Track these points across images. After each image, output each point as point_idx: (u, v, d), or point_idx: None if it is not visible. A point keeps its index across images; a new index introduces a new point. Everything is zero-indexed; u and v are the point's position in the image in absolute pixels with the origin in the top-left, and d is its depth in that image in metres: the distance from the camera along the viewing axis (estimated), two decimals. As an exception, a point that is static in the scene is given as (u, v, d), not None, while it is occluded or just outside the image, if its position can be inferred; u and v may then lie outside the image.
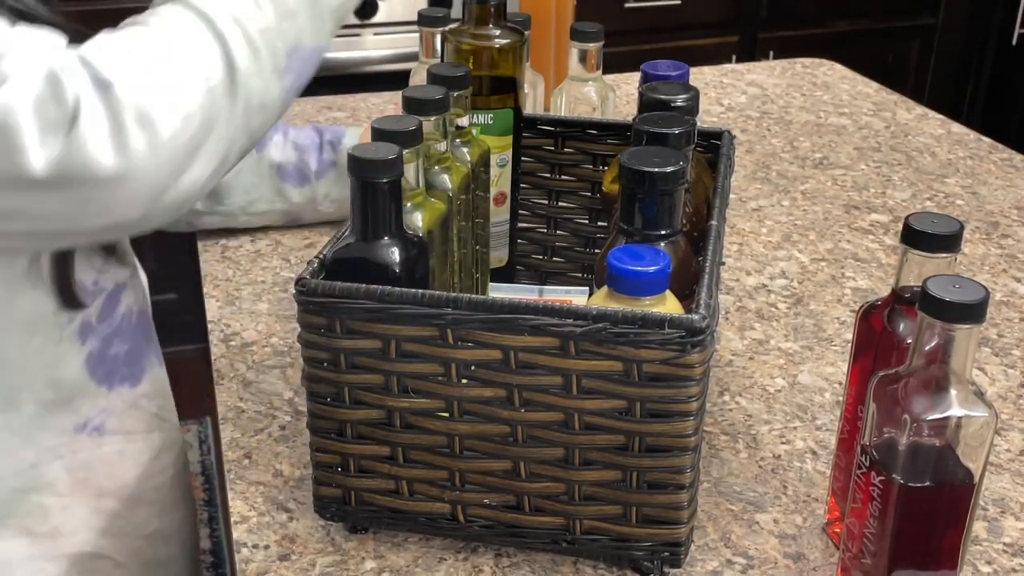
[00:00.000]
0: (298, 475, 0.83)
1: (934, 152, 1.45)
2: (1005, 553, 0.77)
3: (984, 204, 1.30)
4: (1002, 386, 0.96)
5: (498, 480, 0.73)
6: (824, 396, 0.94)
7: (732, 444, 0.88)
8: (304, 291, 0.70)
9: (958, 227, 0.66)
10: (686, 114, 0.84)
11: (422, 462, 0.74)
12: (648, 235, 0.73)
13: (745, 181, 1.35)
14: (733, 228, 1.23)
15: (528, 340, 0.67)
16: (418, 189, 0.77)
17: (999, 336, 1.03)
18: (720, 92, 1.66)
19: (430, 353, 0.70)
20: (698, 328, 0.65)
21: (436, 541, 0.77)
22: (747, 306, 1.07)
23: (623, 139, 0.95)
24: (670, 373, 0.67)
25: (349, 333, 0.70)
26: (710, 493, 0.82)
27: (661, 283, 0.69)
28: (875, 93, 1.67)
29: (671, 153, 0.74)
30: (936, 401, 0.62)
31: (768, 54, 2.67)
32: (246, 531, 0.78)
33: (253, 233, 1.18)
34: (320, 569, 0.75)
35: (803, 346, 1.01)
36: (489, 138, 0.90)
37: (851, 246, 1.19)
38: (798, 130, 1.52)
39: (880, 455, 0.65)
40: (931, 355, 0.62)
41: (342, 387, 0.72)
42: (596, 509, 0.73)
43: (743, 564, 0.76)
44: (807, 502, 0.81)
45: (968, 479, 0.64)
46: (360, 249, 0.72)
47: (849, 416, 0.75)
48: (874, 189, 1.34)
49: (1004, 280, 1.13)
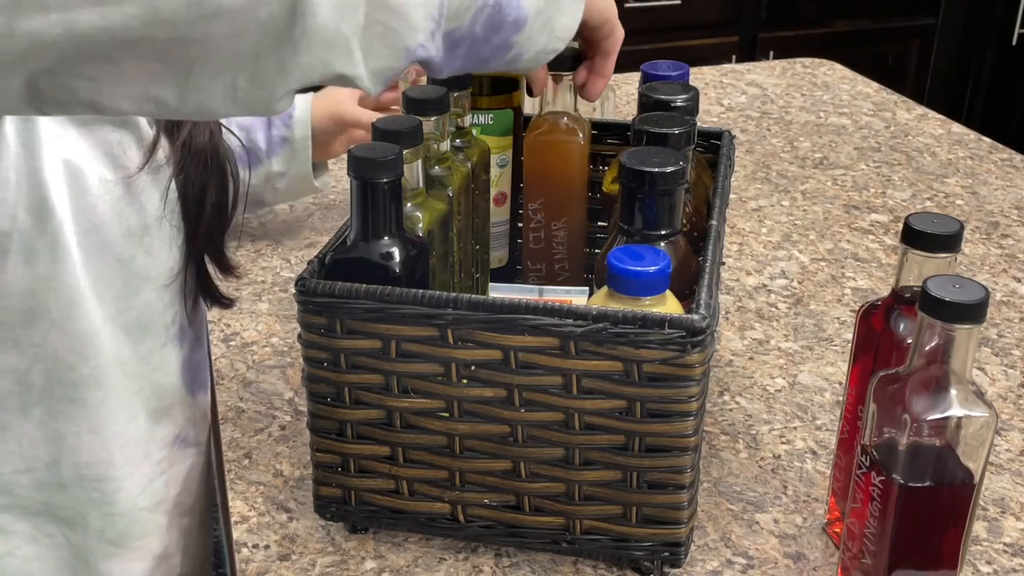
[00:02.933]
0: (298, 475, 0.83)
1: (934, 152, 1.45)
2: (1005, 553, 0.77)
3: (984, 204, 1.30)
4: (1002, 386, 0.96)
5: (498, 480, 0.73)
6: (824, 396, 0.94)
7: (732, 444, 0.88)
8: (304, 291, 0.70)
9: (958, 227, 0.66)
10: (686, 114, 0.84)
11: (422, 462, 0.74)
12: (648, 235, 0.73)
13: (745, 181, 1.35)
14: (733, 228, 1.23)
15: (528, 340, 0.67)
16: (418, 189, 0.77)
17: (999, 336, 1.03)
18: (720, 92, 1.66)
19: (430, 353, 0.70)
20: (698, 328, 0.65)
21: (436, 541, 0.77)
22: (747, 306, 1.07)
23: (623, 139, 0.95)
24: (670, 373, 0.67)
25: (349, 333, 0.70)
26: (710, 493, 0.82)
27: (661, 283, 0.69)
28: (875, 93, 1.67)
29: (671, 153, 0.74)
30: (936, 401, 0.62)
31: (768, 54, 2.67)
32: (246, 531, 0.78)
33: (253, 233, 1.18)
34: (320, 569, 0.75)
35: (803, 346, 1.01)
36: (489, 138, 0.90)
37: (851, 246, 1.19)
38: (798, 130, 1.52)
39: (880, 455, 0.65)
40: (931, 355, 0.62)
41: (342, 387, 0.72)
42: (596, 509, 0.73)
43: (743, 564, 0.76)
44: (807, 502, 0.81)
45: (968, 479, 0.64)
46: (360, 249, 0.72)
47: (849, 416, 0.75)
48: (874, 189, 1.34)
49: (1004, 280, 1.13)
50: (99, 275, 0.70)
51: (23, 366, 0.68)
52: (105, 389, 0.72)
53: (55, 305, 0.67)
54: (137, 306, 0.73)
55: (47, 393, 0.70)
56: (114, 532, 0.76)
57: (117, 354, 0.72)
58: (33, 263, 0.66)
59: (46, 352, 0.68)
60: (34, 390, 0.69)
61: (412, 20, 0.56)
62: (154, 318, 0.75)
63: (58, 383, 0.70)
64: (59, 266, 0.67)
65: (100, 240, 0.69)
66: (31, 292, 0.66)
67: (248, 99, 0.52)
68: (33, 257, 0.66)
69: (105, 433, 0.73)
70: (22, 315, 0.67)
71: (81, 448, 0.72)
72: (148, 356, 0.75)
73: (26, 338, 0.67)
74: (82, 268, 0.68)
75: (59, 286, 0.67)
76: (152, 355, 0.75)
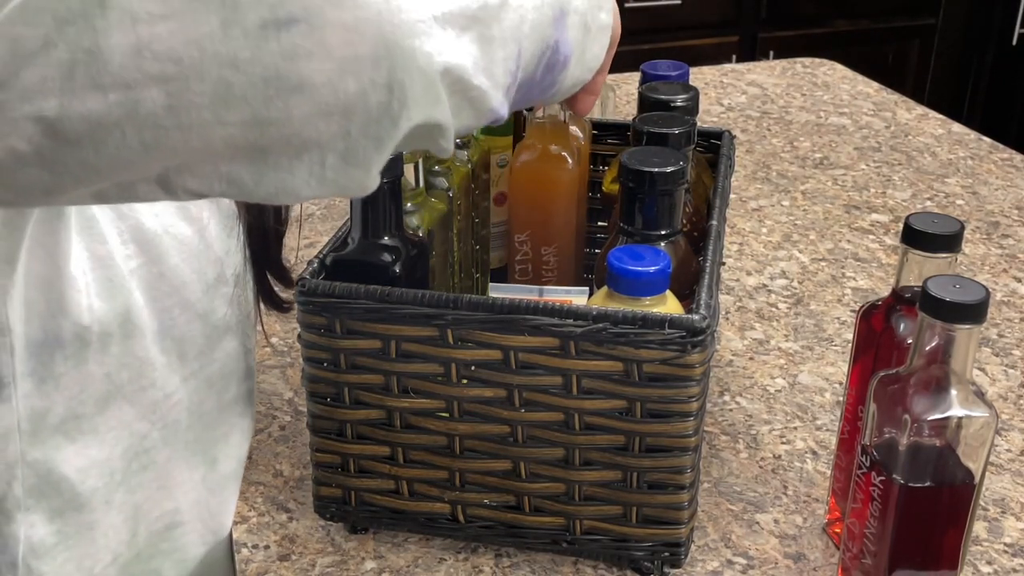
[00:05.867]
0: (298, 475, 0.83)
1: (934, 152, 1.45)
2: (1005, 553, 0.77)
3: (984, 204, 1.30)
4: (1002, 386, 0.96)
5: (498, 480, 0.73)
6: (824, 396, 0.94)
7: (732, 444, 0.87)
8: (304, 291, 0.70)
9: (958, 227, 0.66)
10: (686, 114, 0.83)
11: (422, 462, 0.74)
12: (648, 235, 0.73)
13: (745, 181, 1.35)
14: (733, 228, 1.22)
15: (528, 340, 0.67)
16: (418, 189, 0.77)
17: (999, 336, 1.03)
18: (720, 92, 1.66)
19: (430, 353, 0.69)
20: (698, 328, 0.65)
21: (436, 541, 0.77)
22: (747, 306, 1.07)
23: (623, 139, 0.95)
24: (670, 373, 0.67)
25: (349, 333, 0.70)
26: (710, 493, 0.82)
27: (661, 283, 0.69)
28: (875, 93, 1.66)
29: (671, 153, 0.74)
30: (936, 401, 0.62)
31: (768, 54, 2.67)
32: (246, 531, 0.78)
33: (253, 233, 1.18)
34: (320, 569, 0.75)
35: (803, 346, 1.01)
36: (489, 138, 0.90)
37: (851, 246, 1.19)
38: (798, 130, 1.52)
39: (880, 455, 0.65)
40: (931, 355, 0.62)
41: (342, 387, 0.72)
42: (596, 509, 0.73)
43: (743, 564, 0.76)
44: (807, 502, 0.81)
45: (968, 479, 0.64)
46: (360, 249, 0.72)
47: (849, 416, 0.75)
48: (874, 189, 1.34)
49: (1004, 280, 1.13)
50: (182, 337, 0.66)
51: (103, 455, 0.63)
52: (172, 446, 0.69)
53: (128, 381, 0.63)
54: (219, 358, 0.70)
55: (126, 471, 0.65)
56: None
57: (199, 407, 0.69)
58: (108, 348, 0.62)
59: (122, 432, 0.64)
60: (116, 475, 0.64)
61: (496, 79, 0.52)
62: (239, 358, 0.72)
63: (134, 457, 0.66)
64: (131, 342, 0.63)
65: (182, 301, 0.66)
66: (106, 376, 0.62)
67: (339, 178, 0.47)
68: (108, 342, 0.61)
69: (171, 484, 0.70)
70: (98, 403, 0.62)
71: (153, 508, 0.69)
72: (234, 401, 0.73)
73: (103, 424, 0.63)
74: (155, 337, 0.64)
75: (132, 362, 0.63)
76: (238, 397, 0.73)
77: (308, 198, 0.48)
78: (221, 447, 0.74)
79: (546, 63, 0.59)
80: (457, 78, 0.49)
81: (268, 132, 0.44)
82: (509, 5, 0.53)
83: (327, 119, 0.44)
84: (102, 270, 0.61)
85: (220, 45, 0.41)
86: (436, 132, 0.50)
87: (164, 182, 0.46)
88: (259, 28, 0.42)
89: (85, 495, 0.63)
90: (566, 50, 0.60)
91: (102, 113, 0.41)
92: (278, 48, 0.42)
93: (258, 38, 0.42)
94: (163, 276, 0.65)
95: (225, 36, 0.41)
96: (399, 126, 0.47)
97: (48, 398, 0.60)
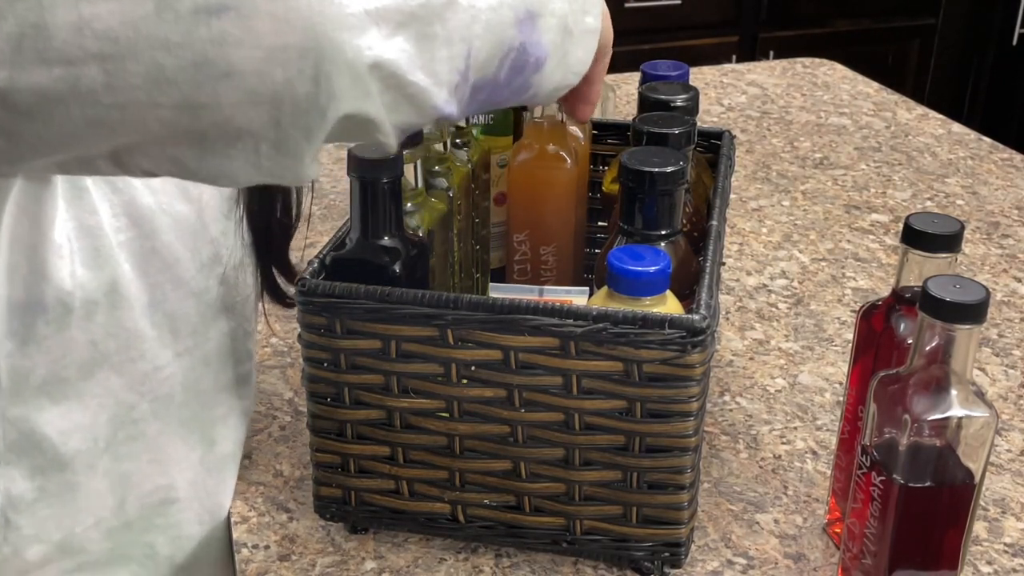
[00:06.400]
0: (298, 475, 0.83)
1: (934, 152, 1.45)
2: (1005, 553, 0.77)
3: (984, 204, 1.30)
4: (1002, 386, 0.96)
5: (498, 480, 0.73)
6: (824, 396, 0.94)
7: (732, 444, 0.87)
8: (304, 291, 0.70)
9: (958, 227, 0.66)
10: (686, 114, 0.83)
11: (422, 462, 0.74)
12: (648, 235, 0.73)
13: (745, 181, 1.35)
14: (733, 228, 1.22)
15: (528, 340, 0.67)
16: (418, 189, 0.77)
17: (999, 336, 1.03)
18: (720, 92, 1.66)
19: (430, 353, 0.69)
20: (698, 328, 0.65)
21: (436, 541, 0.77)
22: (747, 306, 1.07)
23: (623, 139, 0.95)
24: (670, 373, 0.67)
25: (349, 333, 0.70)
26: (710, 493, 0.82)
27: (661, 283, 0.69)
28: (875, 93, 1.66)
29: (671, 153, 0.74)
30: (936, 401, 0.62)
31: (768, 54, 2.67)
32: (246, 531, 0.78)
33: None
34: (320, 569, 0.75)
35: (803, 346, 1.01)
36: (489, 138, 0.90)
37: (851, 246, 1.19)
38: (798, 130, 1.52)
39: (881, 455, 0.65)
40: (931, 355, 0.62)
41: (342, 387, 0.72)
42: (596, 509, 0.73)
43: (743, 564, 0.76)
44: (807, 502, 0.81)
45: (968, 479, 0.64)
46: (360, 249, 0.72)
47: (850, 416, 0.75)
48: (874, 189, 1.34)
49: (1004, 280, 1.13)
50: (174, 313, 0.67)
51: (87, 420, 0.65)
52: (163, 420, 0.70)
53: (115, 351, 0.65)
54: (214, 337, 0.71)
55: (111, 439, 0.67)
56: (183, 556, 0.74)
57: (195, 385, 0.71)
58: (93, 316, 0.63)
59: (107, 399, 0.66)
60: (100, 442, 0.66)
61: (439, 76, 0.52)
62: (238, 339, 0.73)
63: (120, 426, 0.67)
64: (118, 312, 0.64)
65: (174, 278, 0.67)
66: (91, 344, 0.63)
67: (274, 167, 0.48)
68: (93, 310, 0.63)
69: (164, 459, 0.71)
70: (81, 369, 0.64)
71: (144, 480, 0.70)
72: (231, 381, 0.74)
73: (88, 390, 0.65)
74: (145, 310, 0.66)
75: (119, 332, 0.65)
76: (235, 377, 0.74)
77: (249, 183, 0.50)
78: (219, 428, 0.75)
79: (511, 64, 0.58)
80: (390, 73, 0.49)
81: (201, 116, 0.45)
82: (458, 5, 0.53)
83: (256, 107, 0.45)
84: (89, 239, 0.62)
85: (154, 27, 0.43)
86: (370, 126, 0.50)
87: (117, 159, 0.48)
88: (191, 13, 0.43)
89: (67, 456, 0.65)
90: (538, 52, 0.60)
91: (47, 87, 0.43)
92: (208, 34, 0.43)
93: (189, 23, 0.43)
94: (155, 251, 0.66)
95: (159, 19, 0.43)
96: (327, 117, 0.47)
97: (30, 359, 0.61)
